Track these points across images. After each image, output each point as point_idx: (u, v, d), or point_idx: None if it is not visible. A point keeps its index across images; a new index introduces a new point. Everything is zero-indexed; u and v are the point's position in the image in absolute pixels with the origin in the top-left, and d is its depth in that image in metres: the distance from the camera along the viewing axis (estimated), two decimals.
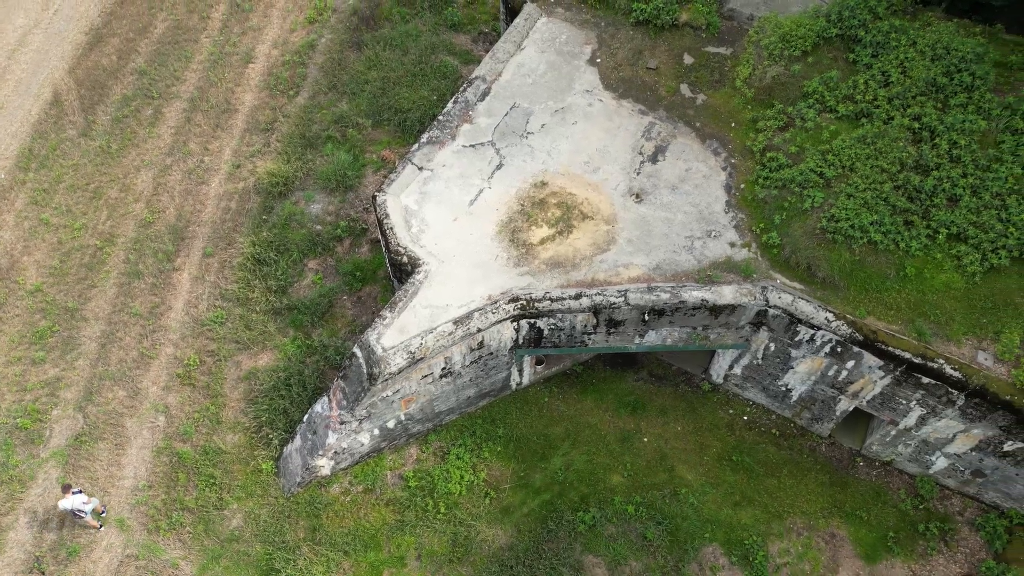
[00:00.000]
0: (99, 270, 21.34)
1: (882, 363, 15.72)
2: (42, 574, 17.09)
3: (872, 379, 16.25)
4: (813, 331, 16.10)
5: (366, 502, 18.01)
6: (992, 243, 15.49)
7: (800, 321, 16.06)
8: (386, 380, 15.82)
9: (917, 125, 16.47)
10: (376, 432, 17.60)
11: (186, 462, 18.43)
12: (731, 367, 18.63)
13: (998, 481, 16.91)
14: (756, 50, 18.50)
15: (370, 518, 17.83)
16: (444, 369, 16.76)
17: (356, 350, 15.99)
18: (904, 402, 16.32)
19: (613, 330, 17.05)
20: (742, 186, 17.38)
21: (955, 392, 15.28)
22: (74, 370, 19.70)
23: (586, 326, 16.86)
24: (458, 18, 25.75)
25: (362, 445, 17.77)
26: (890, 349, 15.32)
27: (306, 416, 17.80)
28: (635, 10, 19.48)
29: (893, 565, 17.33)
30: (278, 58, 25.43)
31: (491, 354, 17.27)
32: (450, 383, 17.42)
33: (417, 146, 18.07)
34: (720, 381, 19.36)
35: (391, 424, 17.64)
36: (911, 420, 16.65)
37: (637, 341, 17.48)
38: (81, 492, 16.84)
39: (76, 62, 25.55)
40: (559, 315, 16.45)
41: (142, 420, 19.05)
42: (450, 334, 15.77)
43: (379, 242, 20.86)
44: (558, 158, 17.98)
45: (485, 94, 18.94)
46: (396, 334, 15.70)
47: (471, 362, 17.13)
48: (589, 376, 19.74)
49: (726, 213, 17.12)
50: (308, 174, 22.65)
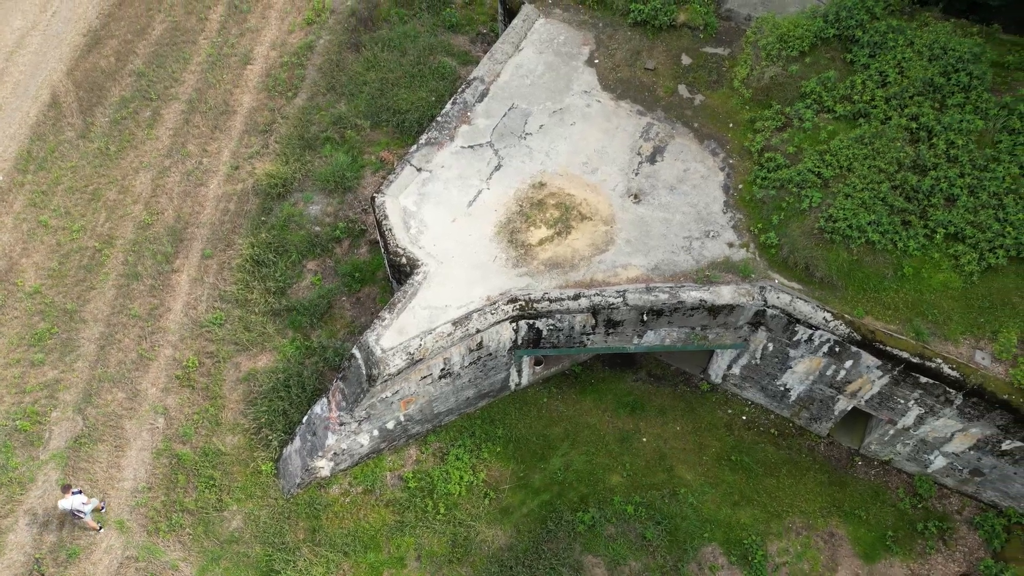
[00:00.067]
0: (98, 272, 21.33)
1: (880, 363, 15.75)
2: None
3: (870, 379, 16.28)
4: (811, 331, 16.13)
5: (366, 503, 18.02)
6: (989, 243, 15.52)
7: (798, 321, 16.09)
8: (385, 381, 15.84)
9: (914, 125, 16.50)
10: (375, 433, 17.61)
11: (185, 464, 18.44)
12: (729, 367, 18.66)
13: (996, 480, 16.94)
14: (754, 50, 18.53)
15: (370, 519, 17.84)
16: (443, 370, 16.78)
17: (355, 351, 16.00)
18: (902, 401, 16.35)
19: (612, 330, 17.07)
20: (740, 186, 17.41)
21: (953, 391, 15.31)
22: (73, 372, 19.70)
23: (585, 327, 16.88)
24: (456, 19, 25.73)
25: (361, 446, 17.78)
26: (888, 349, 15.36)
27: (305, 417, 17.81)
28: (633, 11, 19.50)
29: (892, 564, 17.36)
30: (276, 59, 25.41)
31: (490, 355, 17.28)
32: (449, 384, 17.43)
33: (415, 147, 18.08)
34: (719, 381, 19.39)
35: (390, 425, 17.65)
36: (909, 419, 16.68)
37: (636, 341, 17.50)
38: (81, 492, 16.85)
39: (74, 64, 25.53)
40: (558, 316, 16.47)
41: (141, 422, 19.05)
42: (449, 335, 15.79)
43: (378, 243, 20.87)
44: (556, 159, 18.00)
45: (483, 95, 18.95)
46: (395, 335, 15.72)
47: (470, 363, 17.15)
48: (588, 376, 19.75)
49: (724, 213, 17.15)
50: (307, 175, 22.64)
